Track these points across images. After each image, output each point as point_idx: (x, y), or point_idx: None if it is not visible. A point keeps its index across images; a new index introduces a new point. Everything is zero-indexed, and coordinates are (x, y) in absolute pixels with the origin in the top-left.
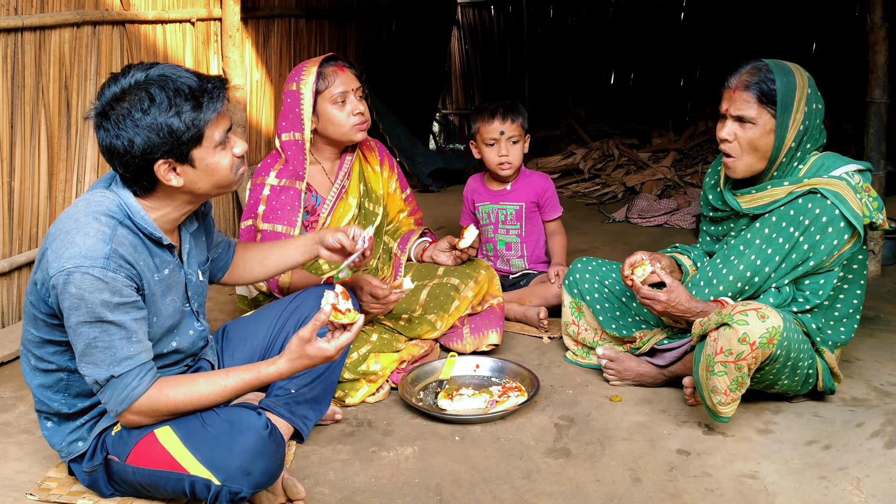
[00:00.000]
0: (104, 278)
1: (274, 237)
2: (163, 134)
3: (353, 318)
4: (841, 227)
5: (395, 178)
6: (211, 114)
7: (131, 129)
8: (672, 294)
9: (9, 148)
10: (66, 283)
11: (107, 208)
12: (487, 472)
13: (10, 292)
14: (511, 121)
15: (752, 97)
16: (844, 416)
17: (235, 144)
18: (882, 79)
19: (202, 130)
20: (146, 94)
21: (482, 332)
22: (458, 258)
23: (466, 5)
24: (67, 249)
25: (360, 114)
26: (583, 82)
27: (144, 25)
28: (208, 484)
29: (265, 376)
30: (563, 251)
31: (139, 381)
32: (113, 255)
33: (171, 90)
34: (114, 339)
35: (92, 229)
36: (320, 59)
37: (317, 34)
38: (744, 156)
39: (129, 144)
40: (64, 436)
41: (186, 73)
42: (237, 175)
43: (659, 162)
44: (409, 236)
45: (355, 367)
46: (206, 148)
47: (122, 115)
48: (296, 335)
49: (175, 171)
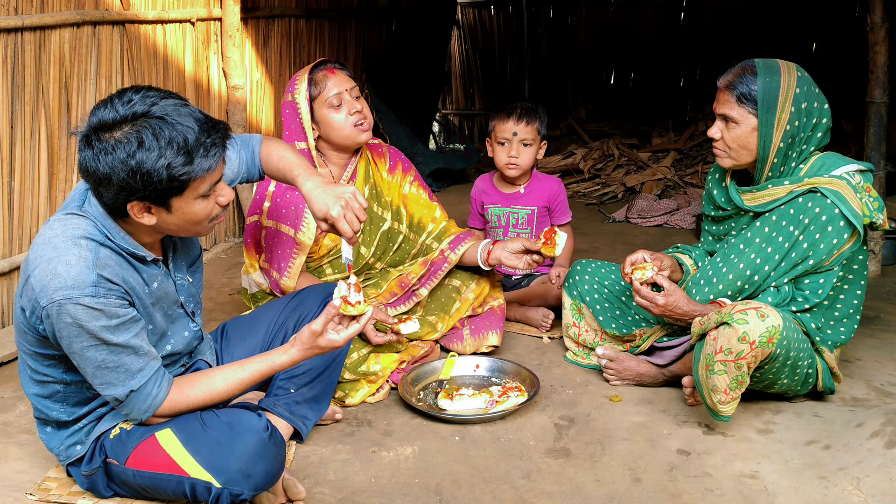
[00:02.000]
0: (96, 306)
1: (277, 236)
2: (144, 181)
3: (362, 310)
4: (841, 227)
5: (411, 178)
6: (200, 172)
7: (114, 164)
8: (670, 298)
9: (9, 148)
10: (59, 315)
11: (85, 230)
12: (487, 472)
13: (11, 292)
14: (526, 123)
15: (732, 97)
16: (844, 416)
17: (221, 194)
18: (882, 79)
19: (187, 185)
20: (136, 137)
21: (482, 334)
22: (533, 262)
23: (466, 5)
24: (52, 281)
25: (359, 112)
26: (583, 82)
27: (144, 25)
28: (209, 486)
29: (278, 365)
30: (568, 253)
31: (158, 388)
32: (100, 281)
33: (165, 139)
34: (122, 358)
35: (73, 257)
36: (310, 67)
37: (317, 34)
38: (731, 152)
39: (107, 178)
40: (62, 440)
41: (190, 119)
42: (211, 224)
43: (659, 162)
44: (463, 237)
45: (356, 368)
46: (187, 198)
47: (108, 148)
48: (307, 327)
49: (149, 212)
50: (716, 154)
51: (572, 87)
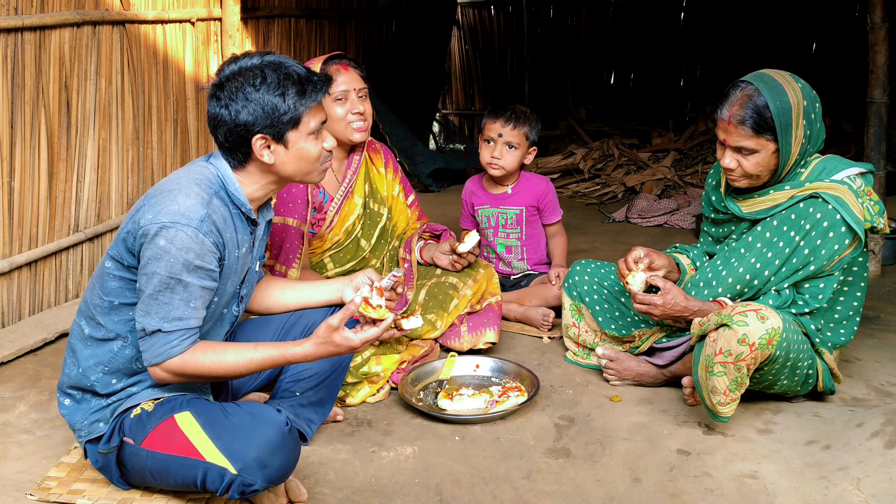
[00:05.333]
0: (196, 238)
1: (284, 231)
2: (267, 110)
3: (382, 314)
4: (842, 232)
5: (399, 182)
6: (312, 102)
7: (241, 101)
8: (667, 296)
9: (9, 148)
10: (156, 235)
11: (206, 177)
12: (487, 472)
13: (10, 292)
14: (513, 126)
15: (748, 130)
16: (844, 416)
17: (326, 139)
18: (882, 79)
19: (301, 115)
20: (260, 73)
21: (479, 330)
22: (456, 263)
23: (466, 5)
24: (167, 206)
25: (359, 113)
26: (583, 82)
27: (144, 25)
28: (223, 473)
29: (291, 356)
30: (563, 252)
31: (181, 341)
32: (207, 219)
33: (283, 74)
34: (174, 299)
35: (193, 192)
36: (325, 57)
37: (317, 34)
38: (751, 177)
39: (236, 115)
40: (86, 415)
41: (296, 64)
42: (322, 166)
43: (659, 162)
44: (411, 239)
45: (358, 370)
46: (301, 133)
47: (235, 88)
48: (324, 322)
49: (269, 149)
50: (730, 180)
51: (572, 87)
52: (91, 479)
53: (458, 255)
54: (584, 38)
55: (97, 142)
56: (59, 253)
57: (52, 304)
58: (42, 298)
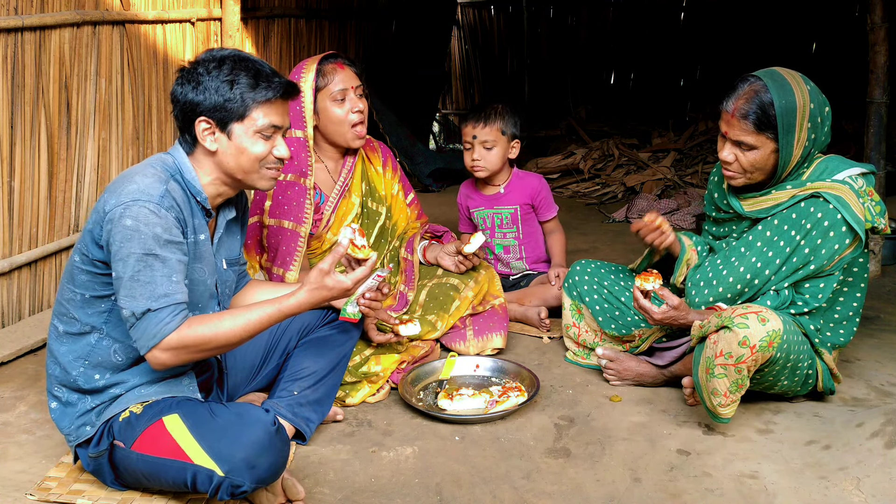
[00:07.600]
0: (158, 213)
1: (280, 233)
2: (214, 95)
3: (367, 254)
4: (843, 232)
5: (398, 181)
6: (261, 97)
7: (193, 83)
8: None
9: (9, 148)
10: (121, 217)
11: (163, 162)
12: (487, 472)
13: (10, 292)
14: (484, 125)
15: (750, 126)
16: (844, 416)
17: (278, 145)
18: (882, 79)
19: (248, 108)
20: (219, 61)
21: (486, 335)
22: (461, 264)
23: (466, 5)
24: (126, 187)
25: (360, 111)
26: (583, 82)
27: (144, 25)
28: (211, 475)
29: (286, 308)
30: (562, 251)
31: (172, 317)
32: (167, 195)
33: (241, 66)
34: (156, 275)
35: (149, 172)
36: (320, 57)
37: (317, 34)
38: (746, 173)
39: (185, 94)
40: (72, 419)
41: (263, 63)
42: (268, 172)
43: (659, 162)
44: (412, 239)
45: (357, 370)
46: (247, 127)
47: (193, 72)
48: (315, 267)
49: (214, 136)
50: (727, 176)
51: (572, 87)
52: (91, 480)
53: (463, 256)
54: (584, 38)
55: (97, 142)
56: (59, 253)
57: (52, 304)
58: (42, 298)
